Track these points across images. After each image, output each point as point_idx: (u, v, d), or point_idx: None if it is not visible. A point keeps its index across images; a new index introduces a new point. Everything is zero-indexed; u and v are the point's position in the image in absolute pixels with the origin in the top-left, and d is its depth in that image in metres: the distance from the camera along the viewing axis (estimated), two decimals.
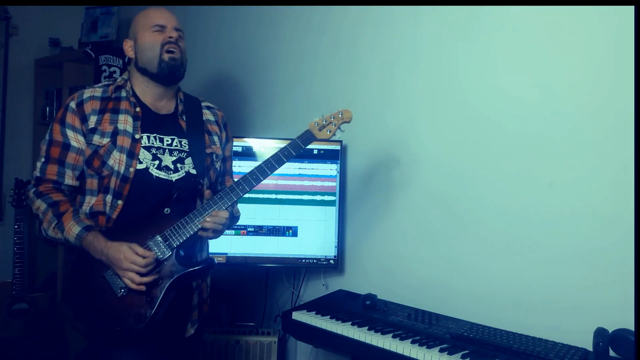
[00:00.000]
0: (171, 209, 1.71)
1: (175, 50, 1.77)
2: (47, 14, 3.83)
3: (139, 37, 1.78)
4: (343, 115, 1.79)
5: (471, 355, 1.64)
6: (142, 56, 1.77)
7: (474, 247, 2.14)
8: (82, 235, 1.64)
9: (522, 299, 1.99)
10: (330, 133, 1.78)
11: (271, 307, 2.81)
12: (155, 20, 1.77)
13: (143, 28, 1.78)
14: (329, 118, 1.79)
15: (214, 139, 1.90)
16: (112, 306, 1.64)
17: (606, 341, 1.63)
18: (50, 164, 1.73)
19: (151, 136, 1.77)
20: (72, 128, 1.73)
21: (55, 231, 1.67)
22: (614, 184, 1.79)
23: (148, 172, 1.73)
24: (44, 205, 1.69)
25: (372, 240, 2.51)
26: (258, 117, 3.01)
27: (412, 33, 2.36)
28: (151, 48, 1.75)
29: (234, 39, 3.17)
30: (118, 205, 1.71)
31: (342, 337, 1.86)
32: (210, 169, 1.86)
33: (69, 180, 1.75)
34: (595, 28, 1.85)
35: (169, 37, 1.76)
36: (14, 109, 3.73)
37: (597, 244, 1.82)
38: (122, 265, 1.60)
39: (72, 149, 1.73)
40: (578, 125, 1.88)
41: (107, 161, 1.70)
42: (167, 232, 1.67)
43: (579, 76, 1.88)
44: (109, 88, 1.80)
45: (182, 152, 1.80)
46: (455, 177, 2.21)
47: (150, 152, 1.75)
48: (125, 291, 1.64)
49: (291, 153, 1.77)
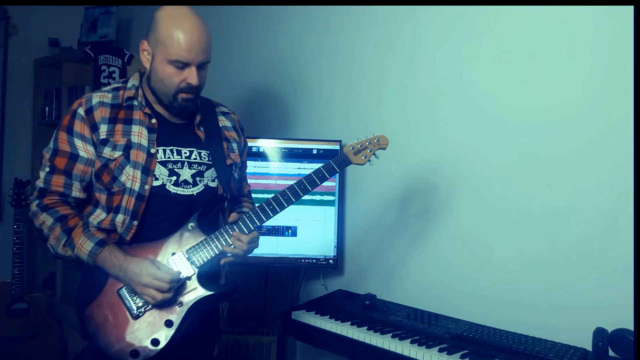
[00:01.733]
0: (196, 224, 1.58)
1: (191, 96, 1.57)
2: (47, 14, 3.83)
3: (156, 59, 1.54)
4: (380, 141, 1.71)
5: (470, 355, 1.64)
6: (155, 82, 1.58)
7: (474, 246, 2.14)
8: (96, 252, 1.50)
9: (521, 299, 1.99)
10: (366, 159, 1.71)
11: (270, 307, 2.80)
12: (179, 54, 1.50)
13: (163, 53, 1.52)
14: (365, 143, 1.71)
15: (232, 147, 1.75)
16: (125, 328, 1.51)
17: (605, 341, 1.63)
18: (55, 175, 1.56)
19: (167, 149, 1.61)
20: (80, 137, 1.55)
21: (65, 249, 1.53)
22: (613, 184, 1.79)
23: (165, 189, 1.58)
24: (50, 219, 1.54)
25: (371, 240, 2.51)
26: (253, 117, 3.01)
27: (411, 33, 2.36)
28: (166, 85, 1.55)
29: (234, 40, 3.16)
30: (133, 226, 1.56)
31: (342, 337, 1.86)
32: (230, 179, 1.71)
33: (76, 192, 1.58)
34: (595, 28, 1.85)
35: (188, 82, 1.54)
36: (14, 108, 3.73)
37: (596, 243, 1.82)
38: (143, 281, 1.46)
39: (81, 160, 1.56)
40: (577, 125, 1.88)
41: (118, 177, 1.55)
42: (191, 250, 1.56)
43: (578, 76, 1.89)
44: (119, 94, 1.61)
45: (202, 165, 1.65)
46: (455, 177, 2.21)
47: (166, 167, 1.59)
48: (143, 312, 1.51)
49: (325, 176, 1.67)
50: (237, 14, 3.14)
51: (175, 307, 1.53)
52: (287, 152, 2.54)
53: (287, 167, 2.53)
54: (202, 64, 1.56)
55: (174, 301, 1.52)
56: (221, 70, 3.23)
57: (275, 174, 2.53)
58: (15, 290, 3.16)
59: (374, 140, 1.71)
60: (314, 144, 2.53)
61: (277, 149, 2.54)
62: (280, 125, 2.87)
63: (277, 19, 2.92)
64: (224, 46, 3.21)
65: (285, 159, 2.54)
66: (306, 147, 2.52)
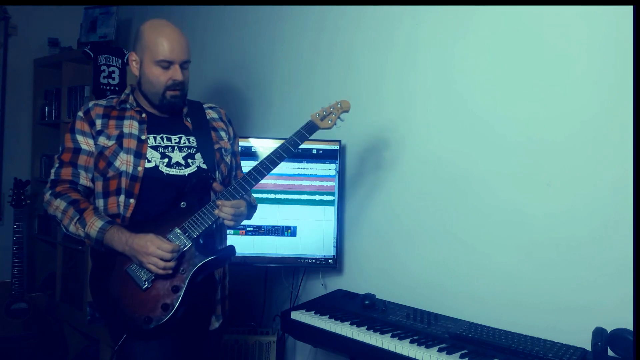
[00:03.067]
0: (187, 202, 1.73)
1: (178, 92, 1.78)
2: (46, 14, 3.83)
3: (144, 62, 1.76)
4: (342, 105, 1.89)
5: (470, 354, 1.64)
6: (145, 85, 1.79)
7: (473, 247, 2.14)
8: (105, 228, 1.65)
9: (520, 299, 1.99)
10: (332, 122, 1.87)
11: (270, 306, 2.81)
12: (163, 54, 1.73)
13: (150, 57, 1.74)
14: (328, 109, 1.88)
15: (221, 135, 1.92)
16: (137, 299, 1.65)
17: (605, 341, 1.63)
18: (64, 167, 1.77)
19: (157, 136, 1.80)
20: (81, 133, 1.78)
21: (77, 226, 1.68)
22: (612, 184, 1.79)
23: (158, 170, 1.75)
24: (63, 203, 1.71)
25: (370, 240, 2.51)
26: (256, 117, 3.01)
27: (411, 33, 2.36)
28: (154, 85, 1.76)
29: (232, 39, 3.17)
30: (130, 204, 1.73)
31: (341, 336, 1.86)
32: (220, 163, 1.88)
33: (83, 180, 1.77)
34: (594, 28, 1.85)
35: (174, 78, 1.75)
36: (13, 108, 3.73)
37: (595, 243, 1.82)
38: (148, 250, 1.61)
39: (83, 152, 1.77)
40: (576, 125, 1.89)
41: (113, 162, 1.73)
42: (186, 224, 1.70)
43: (577, 76, 1.89)
44: (113, 100, 1.84)
45: (191, 148, 1.83)
46: (454, 177, 2.21)
47: (157, 151, 1.78)
48: (150, 283, 1.66)
49: (297, 142, 1.83)
50: (236, 13, 3.15)
51: (179, 275, 1.68)
52: None
53: (286, 166, 2.52)
54: (184, 62, 1.78)
55: (177, 269, 1.67)
56: (220, 70, 3.23)
57: (274, 174, 2.51)
58: (15, 290, 3.16)
59: (336, 105, 1.89)
60: (314, 143, 2.53)
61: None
62: (280, 125, 2.87)
63: (277, 18, 2.92)
64: (224, 46, 3.22)
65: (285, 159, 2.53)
66: (305, 147, 2.52)
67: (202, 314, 1.84)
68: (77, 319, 3.31)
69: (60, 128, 3.53)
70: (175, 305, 1.65)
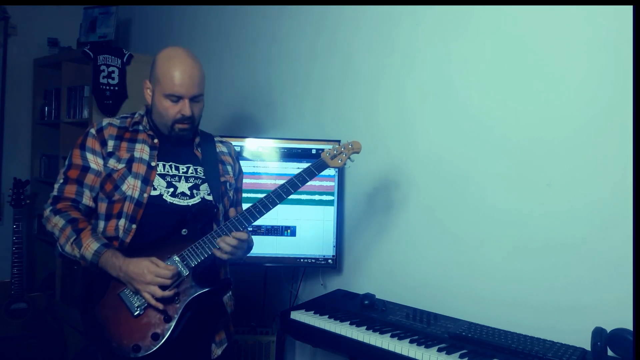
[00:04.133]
0: (188, 229, 1.71)
1: (187, 125, 1.75)
2: (46, 14, 3.83)
3: (155, 95, 1.75)
4: (353, 146, 1.86)
5: (469, 354, 1.64)
6: (155, 115, 1.78)
7: (472, 247, 2.14)
8: (100, 252, 1.61)
9: (520, 299, 1.99)
10: (342, 162, 1.86)
11: (269, 306, 2.81)
12: (172, 88, 1.69)
13: (160, 89, 1.72)
14: (339, 148, 1.86)
15: (227, 169, 1.92)
16: (127, 326, 1.61)
17: (604, 341, 1.63)
18: (68, 185, 1.74)
19: (167, 164, 1.79)
20: (92, 151, 1.75)
21: (73, 247, 1.64)
22: (612, 184, 1.79)
23: (162, 199, 1.73)
24: (62, 221, 1.67)
25: (370, 239, 2.51)
26: (254, 117, 3.01)
27: (409, 33, 2.36)
28: (163, 117, 1.74)
29: (230, 39, 3.17)
30: (132, 229, 1.70)
31: (341, 336, 1.86)
32: (224, 196, 1.87)
33: (86, 200, 1.74)
34: (594, 28, 1.85)
35: (182, 113, 1.72)
36: (13, 108, 3.73)
37: (595, 243, 1.82)
38: (145, 279, 1.57)
39: (91, 171, 1.74)
40: (576, 125, 1.88)
41: (120, 186, 1.72)
42: (185, 252, 1.67)
43: (577, 76, 1.88)
44: (126, 120, 1.83)
45: (197, 179, 1.81)
46: (454, 177, 2.21)
47: (164, 179, 1.76)
48: (142, 310, 1.61)
49: (305, 179, 1.81)
50: (235, 13, 3.14)
51: (173, 304, 1.63)
52: (286, 152, 2.54)
53: (285, 167, 2.52)
54: (195, 97, 1.73)
55: (171, 298, 1.63)
56: (220, 70, 3.23)
57: (274, 174, 2.53)
58: (15, 290, 3.16)
59: (348, 146, 1.86)
60: (313, 143, 2.53)
61: (275, 149, 2.54)
62: (280, 125, 2.87)
63: (276, 19, 2.92)
64: (223, 46, 3.22)
65: (284, 159, 2.54)
66: (305, 147, 2.52)
67: (200, 342, 1.79)
68: (77, 319, 3.30)
69: (60, 128, 3.52)
70: (165, 335, 1.60)
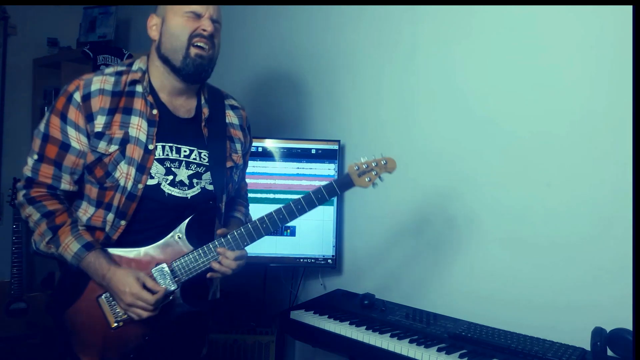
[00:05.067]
0: (183, 235, 1.51)
1: (205, 47, 1.50)
2: (46, 14, 3.82)
3: (167, 17, 1.50)
4: (387, 164, 1.58)
5: (469, 354, 1.64)
6: (167, 42, 1.50)
7: (472, 246, 2.14)
8: (81, 255, 1.44)
9: (520, 299, 1.99)
10: (370, 182, 1.57)
11: (269, 306, 2.80)
12: (192, 6, 1.48)
13: (175, 10, 1.49)
14: (370, 164, 1.56)
15: (235, 147, 1.67)
16: (100, 336, 1.46)
17: (604, 341, 1.63)
18: (44, 164, 1.47)
19: (167, 146, 1.52)
20: (74, 126, 1.46)
21: (49, 246, 1.46)
22: (612, 184, 1.79)
23: (160, 189, 1.50)
24: (36, 214, 1.47)
25: (370, 239, 2.51)
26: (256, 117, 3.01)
27: (411, 32, 2.36)
28: (179, 36, 1.48)
29: (233, 38, 3.16)
30: (120, 225, 1.49)
31: (340, 336, 1.86)
32: (229, 182, 1.64)
33: (65, 185, 1.50)
34: (593, 27, 1.85)
35: (202, 28, 1.48)
36: (12, 108, 3.72)
37: (595, 243, 1.82)
38: (127, 300, 1.41)
39: (72, 151, 1.47)
40: (576, 125, 1.89)
41: (112, 172, 1.47)
42: (176, 265, 1.49)
43: (577, 76, 1.89)
44: (121, 78, 1.51)
45: (200, 166, 1.57)
46: (453, 176, 2.21)
47: (163, 165, 1.51)
48: (121, 323, 1.46)
49: (325, 197, 1.56)
50: (236, 13, 3.14)
51: (153, 321, 1.46)
52: (286, 152, 2.54)
53: (285, 166, 2.53)
54: (215, 20, 1.52)
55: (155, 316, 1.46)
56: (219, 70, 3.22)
57: (274, 174, 2.53)
58: (14, 290, 3.15)
59: (381, 162, 1.57)
60: (313, 143, 2.53)
61: (276, 149, 2.54)
62: (279, 125, 2.87)
63: (276, 19, 2.92)
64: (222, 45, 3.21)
65: (284, 159, 2.54)
66: (305, 147, 2.52)
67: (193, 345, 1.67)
68: None
69: None
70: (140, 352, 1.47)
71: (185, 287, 1.49)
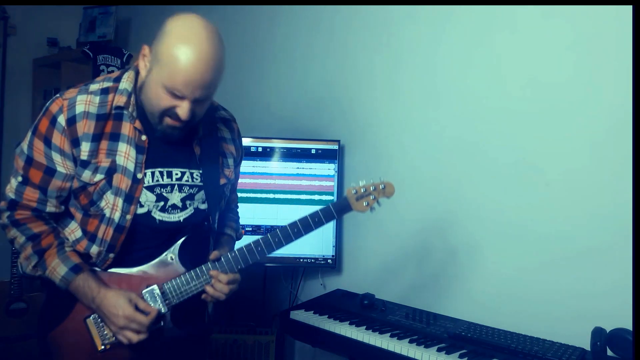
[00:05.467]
0: (176, 256, 1.45)
1: (178, 124, 1.35)
2: (45, 14, 3.83)
3: (151, 75, 1.32)
4: (385, 189, 1.54)
5: (469, 354, 1.64)
6: (144, 98, 1.38)
7: (471, 246, 2.14)
8: (69, 279, 1.38)
9: (519, 299, 1.99)
10: (368, 206, 1.53)
11: (269, 306, 2.80)
12: (174, 85, 1.29)
13: (159, 75, 1.29)
14: (369, 188, 1.53)
15: (228, 162, 1.59)
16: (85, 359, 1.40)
17: (604, 341, 1.63)
18: (29, 187, 1.39)
19: (157, 171, 1.43)
20: (59, 151, 1.36)
21: (36, 269, 1.41)
22: (611, 184, 1.79)
23: (150, 216, 1.43)
24: (22, 237, 1.40)
25: (369, 239, 2.51)
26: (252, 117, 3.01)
27: (407, 32, 2.36)
28: (153, 105, 1.34)
29: (227, 39, 3.16)
30: (109, 258, 1.43)
31: (340, 336, 1.86)
32: (222, 198, 1.58)
33: (51, 208, 1.42)
34: (593, 27, 1.85)
35: (178, 113, 1.32)
36: (12, 108, 3.72)
37: (595, 243, 1.82)
38: (119, 323, 1.35)
39: (58, 175, 1.38)
40: (575, 125, 1.88)
41: (97, 202, 1.39)
42: (168, 287, 1.43)
43: (577, 75, 1.89)
44: (107, 98, 1.39)
45: (193, 187, 1.49)
46: (453, 176, 2.21)
47: (153, 192, 1.43)
48: (110, 346, 1.41)
49: (322, 221, 1.50)
50: (233, 14, 3.14)
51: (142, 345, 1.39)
52: (286, 152, 2.54)
53: (285, 166, 2.53)
54: (199, 100, 1.34)
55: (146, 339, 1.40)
56: None
57: (274, 174, 2.53)
58: (14, 290, 3.15)
59: (379, 187, 1.54)
60: (313, 143, 2.53)
61: (276, 149, 2.54)
62: (279, 125, 2.87)
63: (274, 19, 2.92)
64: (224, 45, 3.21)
65: (284, 159, 2.54)
66: (305, 147, 2.52)
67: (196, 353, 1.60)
68: None
69: None
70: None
71: (176, 310, 1.44)
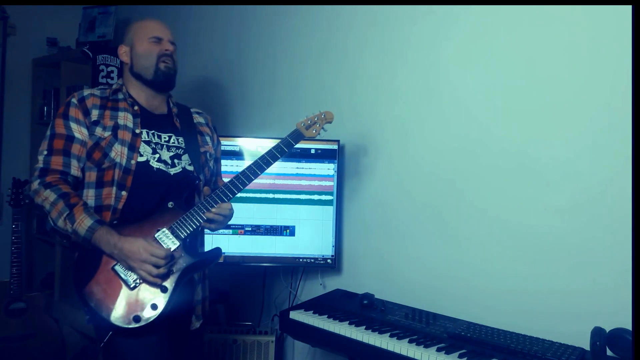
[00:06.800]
0: (174, 202, 1.78)
1: (170, 62, 1.89)
2: (45, 14, 3.83)
3: (136, 45, 1.89)
4: (326, 116, 1.99)
5: (468, 354, 1.64)
6: (138, 63, 1.88)
7: (471, 246, 2.14)
8: (94, 228, 1.65)
9: (519, 299, 1.99)
10: (316, 132, 1.98)
11: (269, 306, 2.81)
12: (153, 32, 1.89)
13: (140, 38, 1.88)
14: (313, 118, 1.97)
15: (206, 139, 2.01)
16: (124, 298, 1.66)
17: (603, 341, 1.63)
18: (54, 156, 1.76)
19: (150, 132, 1.85)
20: (75, 121, 1.78)
21: (66, 222, 1.66)
22: (611, 184, 1.79)
23: (149, 165, 1.80)
24: (53, 195, 1.69)
25: (369, 239, 2.51)
26: (251, 117, 3.01)
27: (407, 32, 2.36)
28: (148, 57, 1.86)
29: (225, 40, 3.16)
30: (122, 196, 1.76)
31: (340, 336, 1.86)
32: (205, 166, 1.95)
33: (74, 170, 1.77)
34: (593, 27, 1.85)
35: (165, 49, 1.88)
36: (12, 108, 3.73)
37: (594, 243, 1.82)
38: (141, 256, 1.62)
39: (77, 141, 1.77)
40: (575, 125, 1.88)
41: (109, 153, 1.76)
42: (174, 225, 1.73)
43: (576, 75, 1.88)
44: (106, 90, 1.88)
45: (179, 149, 1.89)
46: (453, 176, 2.20)
47: (149, 146, 1.83)
48: (138, 283, 1.67)
49: (283, 150, 1.90)
50: (233, 14, 3.14)
51: (168, 276, 1.70)
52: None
53: (285, 166, 2.52)
54: (172, 42, 1.91)
55: (166, 272, 1.69)
56: (218, 70, 3.23)
57: (274, 174, 2.53)
58: (14, 290, 3.16)
59: (321, 116, 1.99)
60: (312, 143, 2.53)
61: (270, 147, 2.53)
62: (279, 125, 2.87)
63: (273, 19, 2.92)
64: (221, 46, 3.22)
65: (284, 159, 2.52)
66: (304, 147, 2.52)
67: (183, 314, 1.86)
68: (76, 319, 3.31)
69: None
70: (163, 304, 1.67)
71: (185, 242, 1.74)
